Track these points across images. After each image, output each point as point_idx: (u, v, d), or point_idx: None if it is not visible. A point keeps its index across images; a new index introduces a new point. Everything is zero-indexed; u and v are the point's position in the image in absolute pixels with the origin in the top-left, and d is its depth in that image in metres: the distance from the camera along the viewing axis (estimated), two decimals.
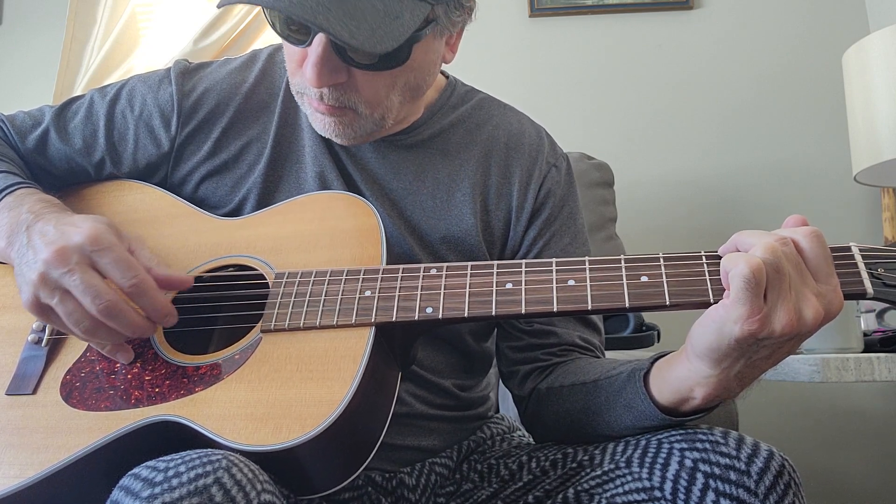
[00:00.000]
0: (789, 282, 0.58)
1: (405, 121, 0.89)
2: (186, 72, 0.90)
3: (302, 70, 0.76)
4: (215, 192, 0.88)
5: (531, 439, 0.94)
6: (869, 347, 1.36)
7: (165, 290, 0.75)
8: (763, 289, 0.57)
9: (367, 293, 0.70)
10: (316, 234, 0.78)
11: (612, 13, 2.20)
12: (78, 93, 2.07)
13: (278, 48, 0.94)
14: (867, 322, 1.48)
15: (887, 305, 1.49)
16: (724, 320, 0.58)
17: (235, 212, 0.87)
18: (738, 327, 0.57)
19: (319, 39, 0.71)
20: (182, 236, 0.82)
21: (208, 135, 0.88)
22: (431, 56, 0.80)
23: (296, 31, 0.73)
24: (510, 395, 0.94)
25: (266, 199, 0.86)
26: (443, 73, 0.97)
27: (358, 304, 0.70)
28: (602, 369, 0.78)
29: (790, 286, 0.58)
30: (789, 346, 0.61)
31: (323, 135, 0.82)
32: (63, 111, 0.91)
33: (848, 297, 0.61)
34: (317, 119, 0.80)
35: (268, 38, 2.18)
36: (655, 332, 1.54)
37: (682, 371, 0.65)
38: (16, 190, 0.78)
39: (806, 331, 0.58)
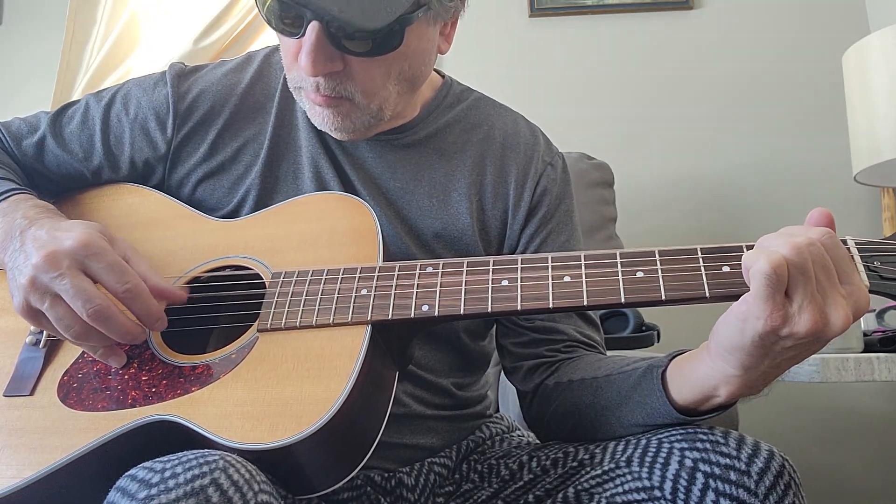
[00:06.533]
0: (815, 284, 0.56)
1: (402, 116, 0.88)
2: (182, 74, 0.90)
3: (297, 62, 0.75)
4: (213, 194, 0.88)
5: (531, 438, 0.94)
6: (869, 347, 1.35)
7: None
8: (784, 286, 0.56)
9: (364, 291, 0.70)
10: (313, 234, 0.78)
11: (612, 13, 2.20)
12: (78, 93, 2.09)
13: (274, 49, 0.94)
14: (867, 322, 1.48)
15: (887, 305, 1.48)
16: (746, 316, 0.57)
17: (234, 213, 0.86)
18: (761, 323, 0.56)
19: (313, 27, 0.71)
20: (180, 238, 0.82)
21: (204, 136, 0.88)
22: (426, 44, 0.80)
23: (290, 23, 0.73)
24: (510, 394, 0.94)
25: (264, 199, 0.86)
26: (439, 72, 0.97)
27: (354, 302, 0.70)
28: (615, 365, 0.78)
29: (818, 289, 0.56)
30: (815, 346, 0.59)
31: (322, 129, 0.82)
32: (59, 117, 0.90)
33: None
34: (315, 113, 0.80)
35: (267, 38, 2.18)
36: (655, 332, 1.53)
37: (704, 369, 0.64)
38: (11, 196, 0.78)
39: (833, 333, 0.57)
